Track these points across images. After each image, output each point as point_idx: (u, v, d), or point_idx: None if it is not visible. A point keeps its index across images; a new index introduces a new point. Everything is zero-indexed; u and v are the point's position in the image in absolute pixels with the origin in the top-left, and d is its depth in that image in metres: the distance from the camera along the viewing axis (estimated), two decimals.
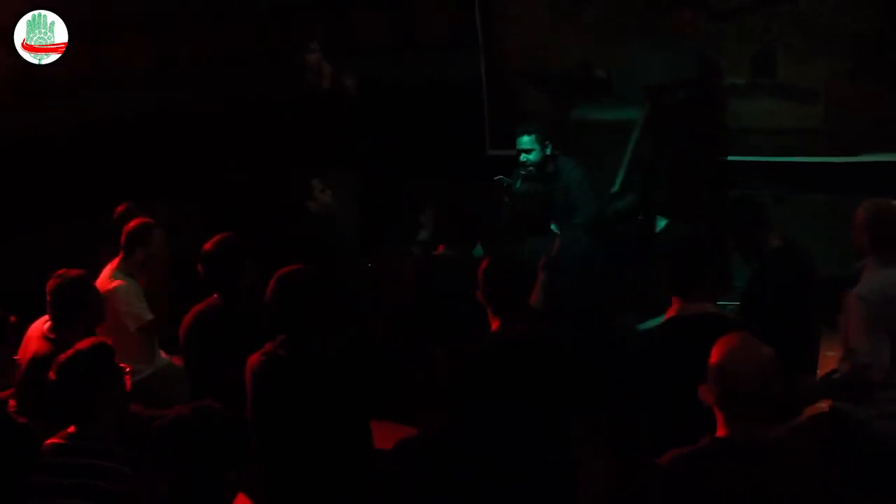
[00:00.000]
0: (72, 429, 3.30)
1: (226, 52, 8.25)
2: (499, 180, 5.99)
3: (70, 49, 6.22)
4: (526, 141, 5.97)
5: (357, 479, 3.68)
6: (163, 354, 5.19)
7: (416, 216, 5.81)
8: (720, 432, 2.79)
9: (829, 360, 4.61)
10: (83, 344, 3.38)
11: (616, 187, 6.06)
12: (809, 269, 4.67)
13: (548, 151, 5.99)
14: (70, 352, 3.34)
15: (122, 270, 5.04)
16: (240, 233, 4.41)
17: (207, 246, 4.27)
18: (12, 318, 3.86)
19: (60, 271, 4.27)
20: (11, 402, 4.10)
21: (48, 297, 4.21)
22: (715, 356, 2.80)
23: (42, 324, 4.31)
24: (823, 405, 4.17)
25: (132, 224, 5.12)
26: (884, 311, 3.90)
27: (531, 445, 3.58)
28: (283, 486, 3.63)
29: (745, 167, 6.60)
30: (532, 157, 5.95)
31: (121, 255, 5.10)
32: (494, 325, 3.72)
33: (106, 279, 4.96)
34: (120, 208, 5.62)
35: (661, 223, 5.71)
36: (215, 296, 4.26)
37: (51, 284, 4.22)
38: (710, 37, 6.83)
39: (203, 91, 7.79)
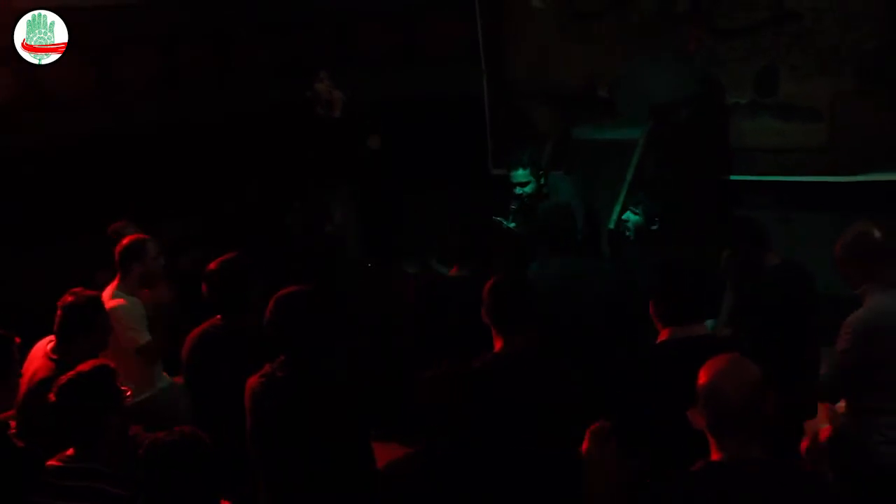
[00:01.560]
0: (70, 451, 3.30)
1: (232, 66, 8.30)
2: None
3: (74, 63, 6.21)
4: (521, 175, 5.95)
5: (358, 499, 3.67)
6: (164, 374, 5.18)
7: (416, 229, 5.80)
8: (714, 456, 2.78)
9: None
10: (85, 366, 3.38)
11: (618, 206, 6.03)
12: (809, 287, 4.65)
13: (542, 181, 5.98)
14: (71, 373, 3.35)
15: (122, 290, 5.02)
16: (246, 247, 4.40)
17: (211, 266, 4.27)
18: (17, 339, 3.85)
19: (76, 289, 4.27)
20: (13, 424, 4.09)
21: (59, 312, 4.21)
22: (703, 378, 2.80)
23: (45, 344, 4.31)
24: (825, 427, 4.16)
25: (124, 241, 5.07)
26: (872, 342, 3.87)
27: (534, 463, 3.57)
28: None
29: (748, 186, 6.59)
30: (528, 189, 5.94)
31: (119, 275, 5.06)
32: (497, 344, 3.73)
33: (107, 298, 4.93)
34: (114, 226, 5.60)
35: None
36: (218, 316, 4.27)
37: (64, 300, 4.21)
38: (714, 55, 6.84)
39: (208, 104, 7.82)
